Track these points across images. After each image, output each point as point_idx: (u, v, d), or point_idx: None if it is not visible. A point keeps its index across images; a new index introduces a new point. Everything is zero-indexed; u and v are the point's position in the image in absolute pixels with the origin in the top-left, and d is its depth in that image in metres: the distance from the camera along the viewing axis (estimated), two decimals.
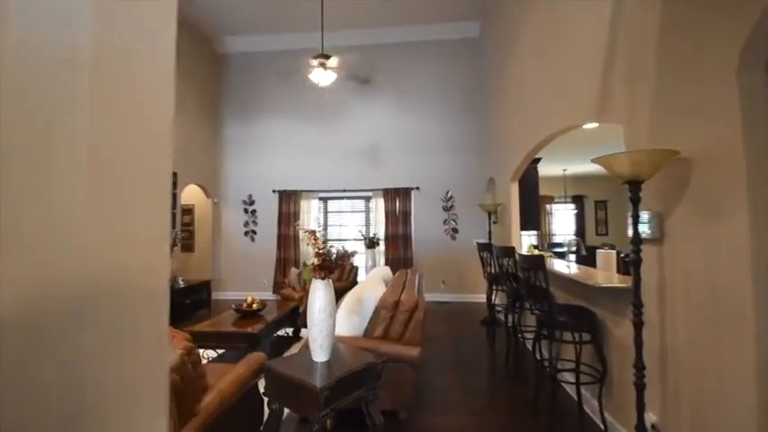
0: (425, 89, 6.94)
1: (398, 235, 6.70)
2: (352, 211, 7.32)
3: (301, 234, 7.01)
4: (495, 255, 3.79)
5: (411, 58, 6.97)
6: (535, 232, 6.65)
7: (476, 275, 6.43)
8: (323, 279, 2.02)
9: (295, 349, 3.94)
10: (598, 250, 2.87)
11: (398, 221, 6.73)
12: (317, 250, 2.05)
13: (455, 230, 6.73)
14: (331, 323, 2.05)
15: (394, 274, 4.17)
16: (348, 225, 7.33)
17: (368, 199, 7.08)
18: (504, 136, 5.32)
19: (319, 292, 2.03)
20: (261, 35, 7.09)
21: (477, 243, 4.86)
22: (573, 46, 3.07)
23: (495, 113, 6.00)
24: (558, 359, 2.92)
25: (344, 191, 7.01)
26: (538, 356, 2.73)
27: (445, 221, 6.77)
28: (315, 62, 4.26)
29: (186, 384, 1.58)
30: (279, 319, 3.86)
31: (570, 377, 2.71)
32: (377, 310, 2.65)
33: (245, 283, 7.16)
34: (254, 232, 7.19)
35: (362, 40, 6.97)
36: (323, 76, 4.36)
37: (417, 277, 3.51)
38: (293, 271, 5.41)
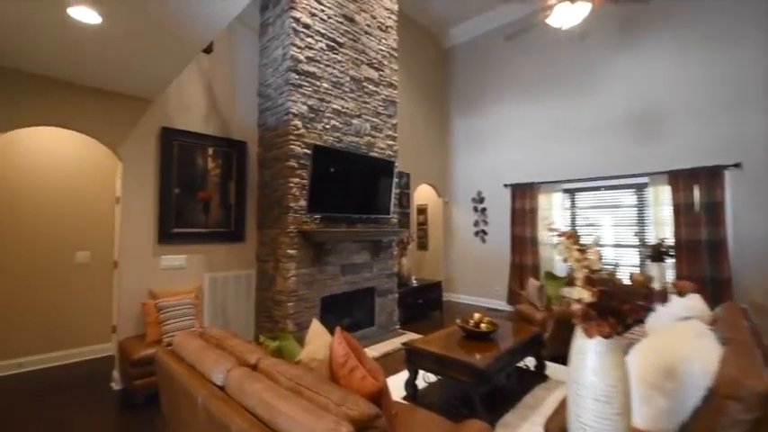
0: (738, 12, 4.25)
1: (699, 241, 4.37)
2: (615, 207, 5.41)
3: (545, 238, 5.71)
4: None
5: None
6: None
7: None
8: (607, 337, 0.98)
9: (540, 393, 2.92)
10: None
11: (699, 220, 4.39)
12: (586, 272, 1.04)
13: None
14: (620, 426, 0.99)
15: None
16: (606, 225, 5.47)
17: (640, 187, 5.02)
18: None
19: (600, 363, 1.01)
20: (484, 13, 6.32)
21: None
22: None
23: None
24: None
25: (601, 179, 5.24)
26: None
27: None
28: None
29: None
30: (516, 348, 2.92)
31: None
32: (712, 397, 1.31)
33: (477, 287, 6.57)
34: (485, 232, 6.49)
35: None
36: (570, 11, 3.09)
37: None
38: (532, 283, 4.31)
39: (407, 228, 6.00)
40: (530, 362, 3.33)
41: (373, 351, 3.95)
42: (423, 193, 7.04)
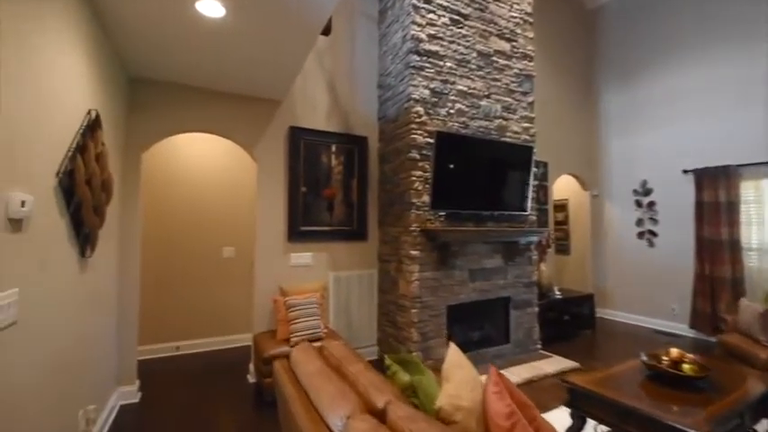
0: None
1: None
2: None
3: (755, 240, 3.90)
4: None
5: None
6: None
7: None
8: None
9: None
10: None
11: None
12: None
13: None
14: None
15: None
16: None
17: None
18: None
19: None
20: None
21: None
22: None
23: None
24: None
25: None
26: None
27: None
28: None
29: None
30: (747, 407, 1.95)
31: None
32: None
33: (642, 303, 5.21)
34: (653, 234, 5.08)
35: None
36: None
37: None
38: (748, 306, 3.01)
39: (546, 227, 5.09)
40: (760, 427, 2.25)
41: (511, 375, 3.30)
42: (562, 186, 5.97)
